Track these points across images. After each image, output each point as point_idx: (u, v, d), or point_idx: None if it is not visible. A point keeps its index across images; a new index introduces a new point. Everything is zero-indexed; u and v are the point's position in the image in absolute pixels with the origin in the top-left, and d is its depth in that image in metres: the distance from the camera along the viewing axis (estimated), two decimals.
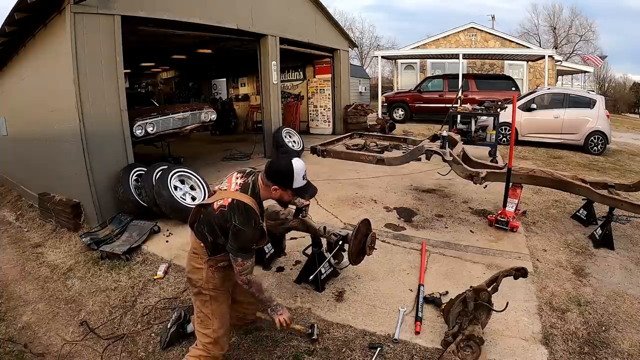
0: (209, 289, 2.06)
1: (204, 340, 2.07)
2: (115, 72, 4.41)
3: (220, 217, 1.93)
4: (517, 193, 3.96)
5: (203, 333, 2.08)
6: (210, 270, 2.05)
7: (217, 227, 1.96)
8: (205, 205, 2.07)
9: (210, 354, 2.07)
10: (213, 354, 2.07)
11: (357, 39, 30.92)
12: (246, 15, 6.49)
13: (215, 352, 2.07)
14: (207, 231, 2.02)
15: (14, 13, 4.15)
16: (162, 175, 4.29)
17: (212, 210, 1.98)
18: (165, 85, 15.34)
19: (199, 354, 2.07)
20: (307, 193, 2.10)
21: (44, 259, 4.19)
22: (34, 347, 2.79)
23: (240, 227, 1.88)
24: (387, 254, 3.44)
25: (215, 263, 2.05)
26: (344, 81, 10.17)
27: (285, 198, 2.07)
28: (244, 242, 1.93)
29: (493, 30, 17.94)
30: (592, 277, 3.10)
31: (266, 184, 2.00)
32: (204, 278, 2.05)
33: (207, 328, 2.07)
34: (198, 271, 2.07)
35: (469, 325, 2.18)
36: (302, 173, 2.01)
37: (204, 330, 2.08)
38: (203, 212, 2.07)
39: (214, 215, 1.96)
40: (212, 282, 2.06)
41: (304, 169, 2.01)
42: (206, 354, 2.06)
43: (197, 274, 2.07)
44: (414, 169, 5.94)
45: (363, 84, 19.35)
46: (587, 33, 29.92)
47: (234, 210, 1.90)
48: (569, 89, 11.51)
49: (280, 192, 2.00)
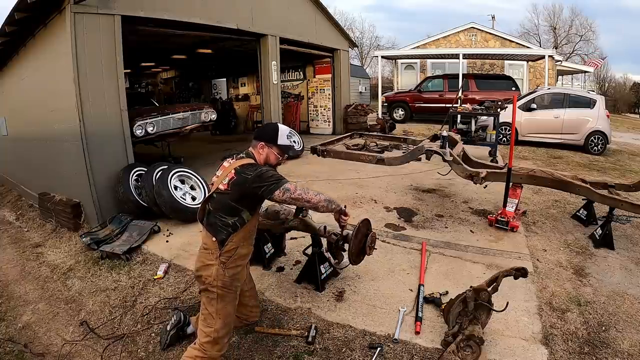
0: (218, 286, 2.04)
1: (202, 340, 2.06)
2: (115, 72, 4.41)
3: (235, 188, 1.99)
4: (517, 193, 3.96)
5: (204, 331, 2.07)
6: (221, 267, 2.03)
7: (236, 198, 2.00)
8: (210, 197, 2.09)
9: (206, 355, 2.04)
10: (210, 354, 2.05)
11: (357, 39, 30.91)
12: (246, 15, 6.49)
13: (213, 352, 2.06)
14: (227, 213, 2.03)
15: (14, 13, 4.15)
16: (162, 175, 4.29)
17: (221, 193, 2.03)
18: (165, 85, 15.34)
19: (195, 355, 2.05)
20: (290, 150, 2.30)
21: (44, 258, 4.19)
22: (34, 347, 2.79)
23: (257, 172, 1.98)
24: (387, 254, 3.44)
25: (227, 258, 2.04)
26: (344, 81, 10.18)
27: (272, 158, 2.18)
28: (269, 175, 2.00)
29: (493, 30, 17.94)
30: (592, 277, 3.10)
31: (254, 147, 2.15)
32: (213, 275, 2.03)
33: (209, 327, 2.06)
34: (208, 268, 2.05)
35: (469, 325, 2.18)
36: (287, 133, 2.25)
37: (206, 328, 2.07)
38: (211, 203, 2.09)
39: (227, 193, 2.01)
40: (222, 279, 2.04)
41: (288, 130, 2.28)
42: (202, 355, 2.04)
43: (207, 271, 2.05)
44: (414, 169, 5.94)
45: (363, 84, 19.35)
46: (587, 33, 29.94)
47: (242, 171, 2.00)
48: (569, 89, 11.49)
49: (266, 150, 2.15)
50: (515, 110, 4.17)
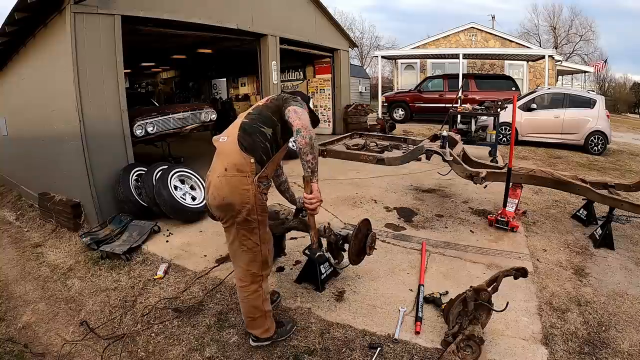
0: (258, 212, 1.97)
1: (253, 270, 2.08)
2: (115, 72, 4.41)
3: (274, 102, 2.15)
4: (517, 193, 3.96)
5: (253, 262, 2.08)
6: (259, 191, 1.96)
7: (273, 110, 2.11)
8: (248, 114, 2.17)
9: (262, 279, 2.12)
10: (265, 274, 2.13)
11: (357, 39, 30.94)
12: (246, 15, 6.49)
13: (264, 272, 2.13)
14: (265, 123, 2.07)
15: (14, 13, 4.14)
16: (162, 175, 4.30)
17: (262, 107, 2.16)
18: (165, 85, 15.35)
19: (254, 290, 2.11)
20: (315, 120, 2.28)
21: (44, 258, 4.19)
22: (34, 347, 2.79)
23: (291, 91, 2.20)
24: (387, 254, 3.44)
25: (261, 179, 2.00)
26: (344, 81, 10.17)
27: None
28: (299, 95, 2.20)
29: (493, 30, 17.95)
30: (592, 277, 3.10)
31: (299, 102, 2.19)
32: (251, 200, 1.94)
33: (255, 255, 2.06)
34: (244, 193, 1.93)
35: (469, 325, 2.18)
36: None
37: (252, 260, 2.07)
38: (250, 117, 2.13)
39: (268, 105, 2.15)
40: (260, 204, 1.97)
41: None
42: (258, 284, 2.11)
43: (243, 197, 1.93)
44: (414, 169, 5.94)
45: (363, 84, 19.38)
46: (587, 33, 29.99)
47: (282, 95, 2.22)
48: (569, 89, 11.50)
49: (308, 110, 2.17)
50: (515, 110, 4.17)
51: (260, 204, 1.98)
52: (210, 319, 2.68)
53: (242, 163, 1.95)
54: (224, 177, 1.97)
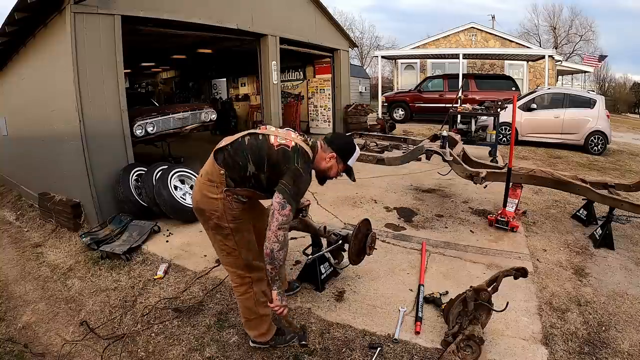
0: (229, 220, 1.95)
1: (239, 272, 2.07)
2: (115, 72, 4.40)
3: (281, 154, 1.90)
4: (517, 193, 3.96)
5: (234, 264, 2.06)
6: (227, 200, 1.93)
7: (271, 161, 1.90)
8: (255, 135, 1.98)
9: (251, 281, 2.07)
10: (253, 276, 2.07)
11: (357, 39, 30.95)
12: (246, 15, 6.49)
13: (253, 275, 2.07)
14: (252, 160, 1.91)
15: (14, 13, 4.14)
16: (162, 175, 4.29)
17: (268, 144, 1.93)
18: (165, 85, 15.34)
19: (243, 291, 2.08)
20: (353, 174, 2.21)
21: (44, 258, 4.19)
22: (34, 347, 2.79)
23: (302, 171, 1.88)
24: (387, 254, 3.44)
25: (233, 193, 1.94)
26: (344, 81, 10.17)
27: (333, 171, 2.12)
28: (299, 187, 1.90)
29: (493, 30, 17.95)
30: (592, 277, 3.10)
31: (324, 149, 2.06)
32: (220, 209, 1.93)
33: (236, 259, 2.04)
34: (213, 202, 1.94)
35: (469, 325, 2.18)
36: (357, 156, 2.16)
37: (233, 262, 2.05)
38: (249, 139, 1.96)
39: (273, 150, 1.91)
40: (231, 212, 1.94)
41: (359, 154, 2.19)
42: (247, 286, 2.07)
43: (212, 205, 1.94)
44: (414, 169, 5.94)
45: (363, 84, 19.38)
46: (587, 33, 30.00)
47: (298, 154, 1.92)
48: (569, 89, 11.50)
49: (334, 162, 2.07)
50: (515, 110, 4.17)
51: (231, 212, 1.95)
52: (210, 319, 2.69)
53: (213, 172, 1.96)
54: (198, 182, 2.04)
